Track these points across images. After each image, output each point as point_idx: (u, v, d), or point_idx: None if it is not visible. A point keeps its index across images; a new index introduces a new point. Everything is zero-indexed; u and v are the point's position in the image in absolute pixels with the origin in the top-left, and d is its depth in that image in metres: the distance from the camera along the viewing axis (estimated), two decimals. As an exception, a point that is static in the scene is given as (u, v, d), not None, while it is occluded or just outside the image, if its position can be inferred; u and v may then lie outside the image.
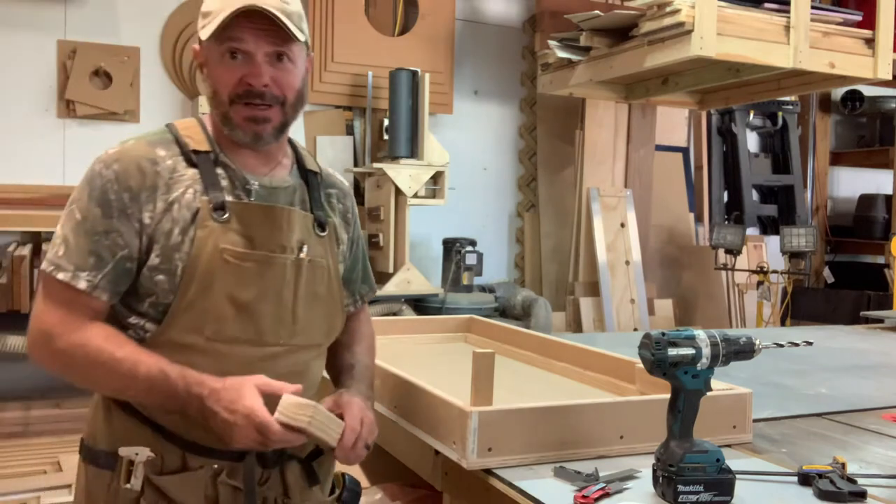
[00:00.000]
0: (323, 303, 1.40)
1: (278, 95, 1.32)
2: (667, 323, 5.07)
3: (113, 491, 1.29)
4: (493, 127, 5.22)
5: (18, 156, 4.03)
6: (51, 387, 3.94)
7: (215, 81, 1.32)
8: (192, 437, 1.31)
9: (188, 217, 1.28)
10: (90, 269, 1.26)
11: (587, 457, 1.39)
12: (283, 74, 1.32)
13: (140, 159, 1.29)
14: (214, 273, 1.27)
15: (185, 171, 1.31)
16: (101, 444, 1.33)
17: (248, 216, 1.31)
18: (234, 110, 1.31)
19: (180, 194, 1.29)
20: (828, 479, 1.26)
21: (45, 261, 1.29)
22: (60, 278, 1.25)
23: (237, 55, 1.30)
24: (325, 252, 1.41)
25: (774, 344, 1.43)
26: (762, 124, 5.98)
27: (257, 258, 1.31)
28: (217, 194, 1.30)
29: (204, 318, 1.27)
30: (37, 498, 2.93)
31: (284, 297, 1.34)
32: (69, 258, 1.26)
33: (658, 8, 3.73)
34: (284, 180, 1.40)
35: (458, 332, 2.50)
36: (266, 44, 1.30)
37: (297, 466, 1.40)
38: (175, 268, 1.27)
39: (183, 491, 1.29)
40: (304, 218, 1.39)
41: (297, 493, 1.39)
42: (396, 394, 1.65)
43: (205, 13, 1.32)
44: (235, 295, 1.29)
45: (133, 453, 1.28)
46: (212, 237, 1.28)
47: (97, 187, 1.28)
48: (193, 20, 4.28)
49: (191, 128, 1.37)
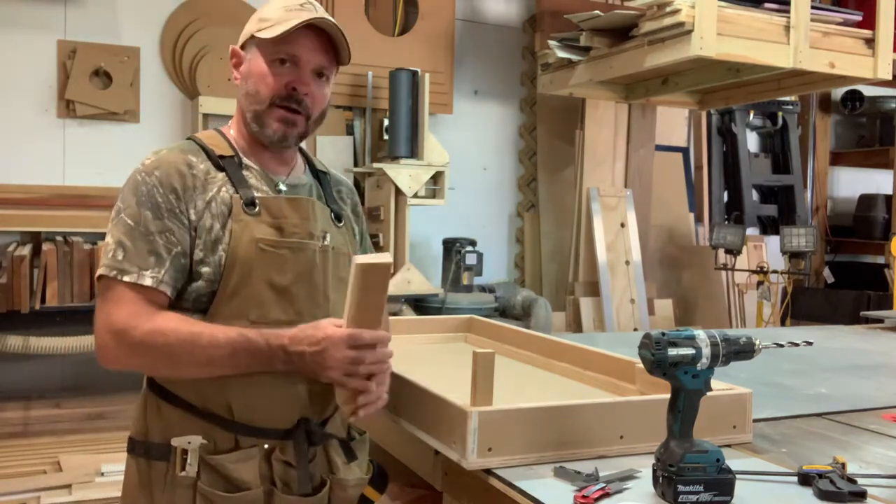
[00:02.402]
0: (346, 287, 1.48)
1: (310, 108, 1.46)
2: (667, 323, 5.07)
3: (170, 480, 1.37)
4: (493, 127, 5.22)
5: (18, 156, 4.02)
6: (51, 387, 3.95)
7: (259, 81, 1.44)
8: (244, 419, 1.40)
9: (225, 212, 1.40)
10: (152, 267, 1.36)
11: (587, 457, 1.39)
12: (318, 91, 1.47)
13: (178, 164, 1.42)
14: (253, 261, 1.38)
15: (216, 173, 1.44)
16: (154, 437, 1.41)
17: (277, 208, 1.43)
18: (270, 111, 1.44)
19: (216, 193, 1.42)
20: (828, 479, 1.26)
21: (102, 266, 1.37)
22: (127, 280, 1.35)
23: (286, 62, 1.43)
24: (344, 241, 1.54)
25: (774, 344, 1.43)
26: (762, 124, 5.98)
27: (290, 245, 1.42)
28: (246, 191, 1.43)
29: (248, 303, 1.38)
30: (37, 498, 2.93)
31: (316, 279, 1.45)
32: (130, 261, 1.36)
33: (658, 8, 3.73)
34: (302, 178, 1.55)
35: (458, 332, 2.50)
36: (317, 59, 1.45)
37: (337, 445, 1.50)
38: (219, 258, 1.38)
39: (239, 468, 1.37)
40: (323, 209, 1.52)
41: (339, 468, 1.50)
42: (396, 394, 1.65)
43: (263, 19, 1.45)
44: (274, 280, 1.40)
45: (186, 442, 1.37)
46: (247, 229, 1.39)
47: (144, 193, 1.38)
48: (193, 20, 4.34)
49: (213, 137, 1.50)
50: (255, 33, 1.45)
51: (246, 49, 1.48)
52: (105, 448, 3.37)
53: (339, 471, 1.49)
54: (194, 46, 4.30)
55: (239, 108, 1.50)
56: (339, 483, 1.48)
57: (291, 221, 1.43)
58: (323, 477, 1.47)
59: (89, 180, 4.10)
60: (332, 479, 1.48)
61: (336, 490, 1.48)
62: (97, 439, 3.50)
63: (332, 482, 1.48)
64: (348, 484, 1.50)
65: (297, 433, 1.42)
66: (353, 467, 1.52)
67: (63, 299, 3.49)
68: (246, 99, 1.46)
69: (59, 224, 3.81)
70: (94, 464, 3.16)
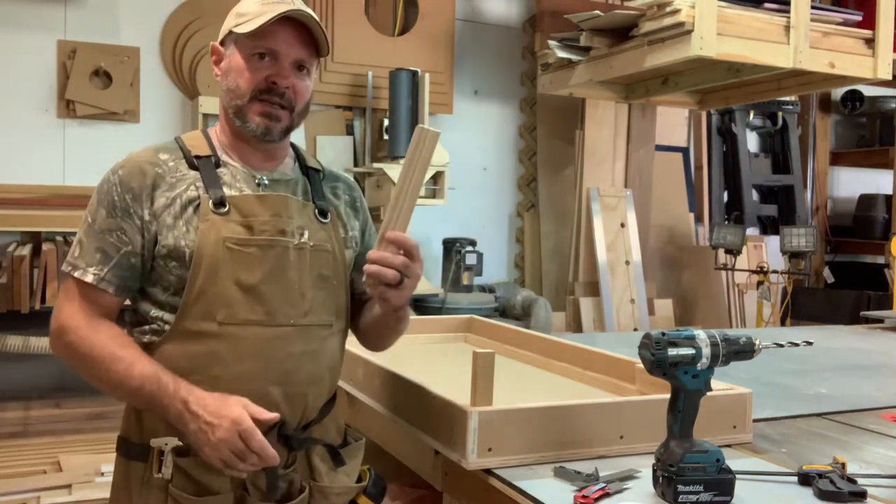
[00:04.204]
0: (330, 284, 1.48)
1: (293, 100, 1.44)
2: (667, 323, 5.07)
3: (146, 481, 1.37)
4: (493, 127, 5.22)
5: (18, 156, 4.02)
6: (51, 387, 3.94)
7: (238, 76, 1.43)
8: None
9: (191, 210, 1.39)
10: (97, 264, 1.37)
11: (587, 457, 1.39)
12: (300, 83, 1.45)
13: (142, 162, 1.41)
14: (219, 260, 1.36)
15: (187, 171, 1.42)
16: (134, 437, 1.42)
17: (247, 207, 1.41)
18: (251, 105, 1.42)
19: (182, 190, 1.40)
20: (828, 479, 1.26)
21: (64, 262, 1.41)
22: (76, 276, 1.37)
23: (265, 56, 1.42)
24: (328, 238, 1.49)
25: (774, 344, 1.43)
26: (762, 124, 5.97)
27: (258, 243, 1.40)
28: (216, 191, 1.40)
29: (214, 303, 1.36)
30: (37, 498, 2.93)
31: (290, 278, 1.41)
32: (82, 258, 1.38)
33: (658, 8, 3.73)
34: (286, 174, 1.51)
35: (458, 332, 2.50)
36: (295, 52, 1.43)
37: (322, 450, 1.47)
38: (183, 255, 1.37)
39: (209, 473, 1.35)
40: (304, 206, 1.48)
41: (323, 475, 1.46)
42: (396, 394, 1.65)
43: (240, 13, 1.44)
44: (241, 279, 1.37)
45: (163, 443, 1.36)
46: (214, 229, 1.37)
47: (104, 191, 1.40)
48: (193, 20, 4.34)
49: (194, 137, 1.50)
50: (233, 28, 1.43)
51: (225, 45, 1.47)
52: (105, 448, 3.37)
53: (322, 478, 1.45)
54: (194, 46, 4.30)
55: (221, 104, 1.48)
56: (320, 490, 1.44)
57: (261, 219, 1.40)
58: (303, 483, 1.43)
59: (89, 180, 4.07)
60: (312, 485, 1.44)
61: (317, 498, 1.44)
62: (97, 439, 3.50)
63: (313, 489, 1.44)
64: (331, 492, 1.46)
65: (269, 437, 1.34)
66: (339, 475, 1.48)
67: (63, 299, 3.49)
68: (227, 94, 1.45)
69: (59, 224, 3.81)
70: (94, 464, 3.15)
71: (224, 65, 1.46)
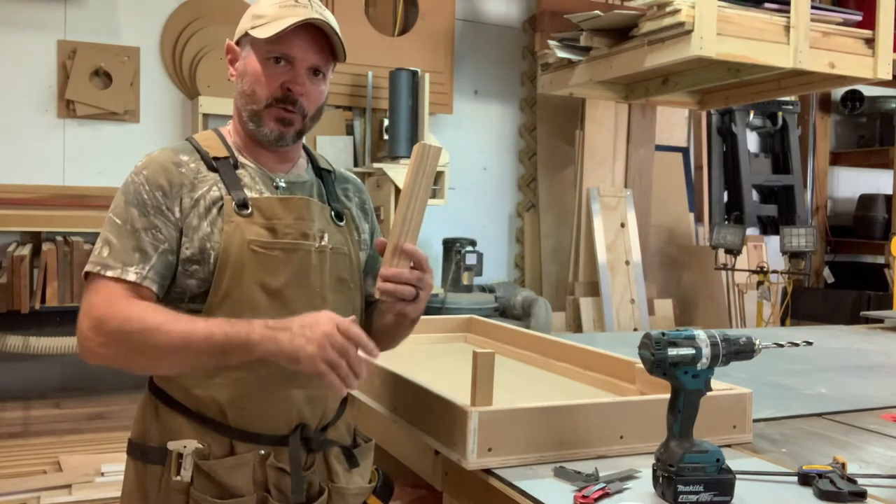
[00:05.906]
0: (347, 287, 1.48)
1: (306, 107, 1.43)
2: (667, 323, 5.07)
3: (164, 484, 1.35)
4: (493, 127, 5.22)
5: (18, 156, 4.02)
6: (51, 387, 3.95)
7: (255, 81, 1.42)
8: (238, 424, 1.37)
9: (215, 212, 1.37)
10: (137, 263, 1.33)
11: (587, 457, 1.39)
12: (314, 89, 1.44)
13: (166, 162, 1.40)
14: (244, 263, 1.35)
15: (208, 173, 1.41)
16: (151, 440, 1.39)
17: (270, 209, 1.40)
18: (267, 111, 1.42)
19: (205, 191, 1.39)
20: (828, 479, 1.26)
21: (88, 264, 1.35)
22: (110, 275, 1.32)
23: (281, 61, 1.41)
24: (344, 240, 1.49)
25: (774, 344, 1.43)
26: (762, 124, 5.97)
27: (283, 246, 1.39)
28: (238, 192, 1.39)
29: (239, 307, 1.34)
30: (37, 498, 2.93)
31: (312, 282, 1.41)
32: (115, 257, 1.34)
33: (658, 8, 3.73)
34: (301, 176, 1.51)
35: (458, 332, 2.50)
36: (311, 58, 1.42)
37: (338, 451, 1.47)
38: (208, 256, 1.35)
39: (232, 475, 1.35)
40: (322, 209, 1.47)
41: (340, 476, 1.47)
42: (396, 394, 1.66)
43: (258, 15, 1.42)
44: (266, 282, 1.36)
45: (181, 446, 1.35)
46: (238, 231, 1.36)
47: (131, 192, 1.37)
48: (193, 20, 4.34)
49: (209, 138, 1.48)
50: (250, 31, 1.42)
51: (241, 45, 1.46)
52: (105, 448, 3.37)
53: (339, 479, 1.46)
54: (194, 46, 4.30)
55: (235, 105, 1.47)
56: (338, 492, 1.45)
57: (284, 222, 1.39)
58: (322, 485, 1.44)
59: (89, 180, 4.11)
60: (331, 487, 1.44)
61: (335, 499, 1.45)
62: (97, 439, 3.50)
63: (332, 490, 1.44)
64: (348, 492, 1.47)
65: (292, 439, 1.38)
66: (354, 475, 1.49)
67: (63, 299, 3.49)
68: (242, 98, 1.44)
69: (59, 224, 3.81)
70: (94, 464, 3.15)
71: (240, 66, 1.45)
